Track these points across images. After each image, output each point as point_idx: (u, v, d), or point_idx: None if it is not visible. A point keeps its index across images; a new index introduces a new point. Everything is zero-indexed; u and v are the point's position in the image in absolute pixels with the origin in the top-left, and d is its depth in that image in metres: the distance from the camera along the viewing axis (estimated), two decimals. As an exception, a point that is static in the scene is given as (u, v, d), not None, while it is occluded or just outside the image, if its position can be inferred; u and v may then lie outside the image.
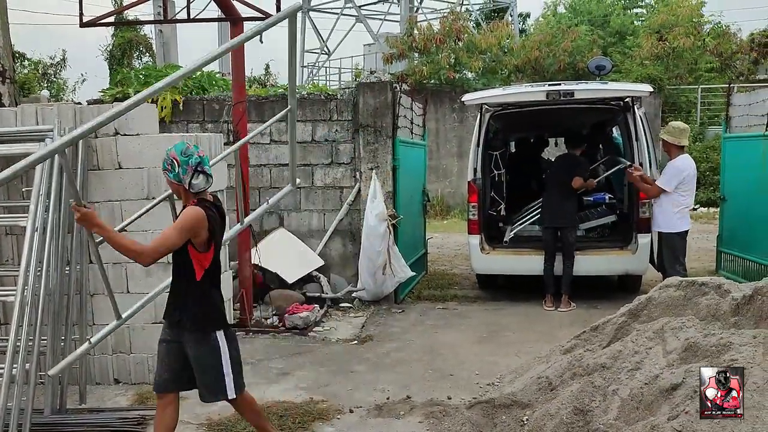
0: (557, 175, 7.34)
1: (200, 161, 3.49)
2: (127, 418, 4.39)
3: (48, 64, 25.91)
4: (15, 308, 4.22)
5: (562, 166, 7.44)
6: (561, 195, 7.18)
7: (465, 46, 16.99)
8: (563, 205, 7.17)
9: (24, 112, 5.06)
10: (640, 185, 6.72)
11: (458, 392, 4.84)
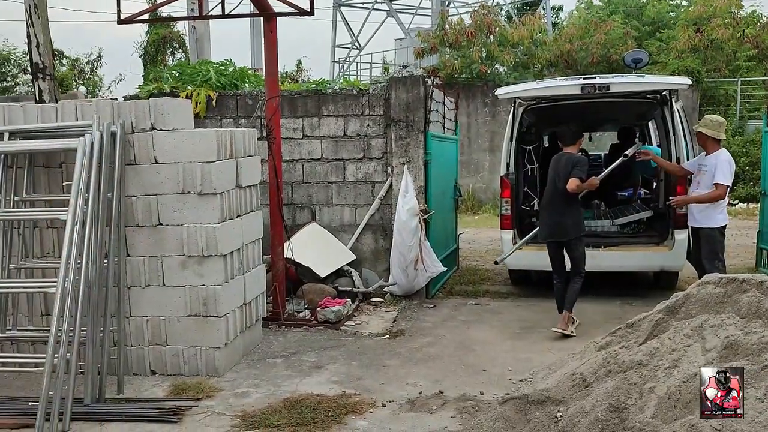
0: (553, 181, 6.16)
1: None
2: (164, 409, 4.46)
3: (85, 62, 26.41)
4: (56, 299, 4.33)
5: (557, 168, 6.14)
6: (560, 203, 6.10)
7: (497, 39, 16.85)
8: (564, 214, 6.10)
9: (64, 108, 5.16)
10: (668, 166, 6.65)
11: (491, 388, 4.82)
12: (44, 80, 7.07)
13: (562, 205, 6.09)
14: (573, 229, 6.11)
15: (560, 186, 6.00)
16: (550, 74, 16.48)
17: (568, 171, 5.98)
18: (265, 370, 5.33)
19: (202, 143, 5.07)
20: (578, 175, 5.95)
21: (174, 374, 5.21)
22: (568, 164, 6.02)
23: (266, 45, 6.47)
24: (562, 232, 6.12)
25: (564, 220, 6.09)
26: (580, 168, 6.00)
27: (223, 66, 8.55)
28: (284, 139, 7.38)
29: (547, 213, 6.24)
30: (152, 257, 5.17)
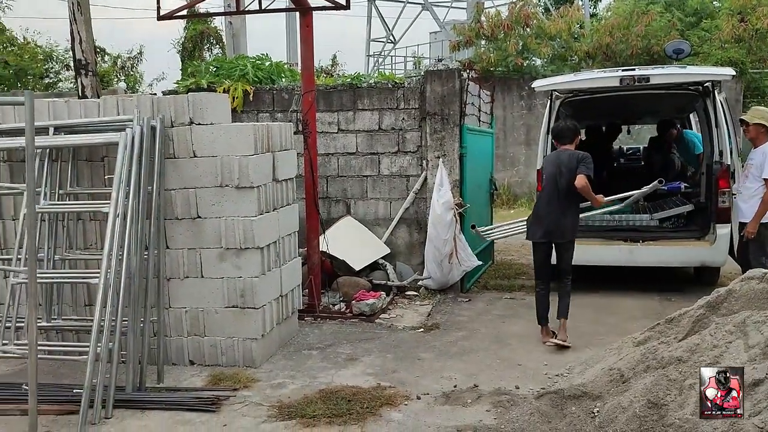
0: (553, 178, 5.60)
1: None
2: (202, 398, 4.55)
3: (125, 58, 26.91)
4: (99, 290, 4.44)
5: (558, 165, 5.60)
6: (561, 202, 5.57)
7: (534, 32, 16.64)
8: (565, 215, 5.60)
9: (106, 103, 5.27)
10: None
11: (526, 382, 4.80)
12: (87, 76, 7.23)
13: (563, 205, 5.57)
14: (571, 230, 5.69)
15: (562, 184, 5.50)
16: (588, 66, 16.21)
17: (572, 167, 5.46)
18: (301, 361, 5.39)
19: (239, 137, 5.13)
20: (586, 172, 5.44)
21: (212, 365, 5.30)
22: (572, 160, 5.51)
23: (302, 39, 6.51)
24: (560, 233, 5.62)
25: (564, 221, 5.60)
26: (586, 164, 5.48)
27: (259, 61, 8.63)
28: (319, 133, 7.42)
29: (546, 212, 5.61)
30: (191, 249, 5.26)
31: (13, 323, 4.98)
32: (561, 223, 5.59)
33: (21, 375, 5.22)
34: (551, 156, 5.83)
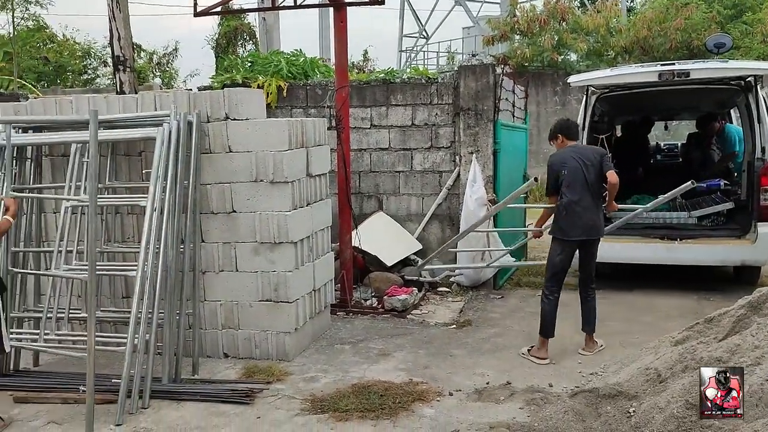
0: (581, 174, 5.23)
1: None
2: (237, 390, 4.60)
3: (161, 55, 27.30)
4: (136, 282, 4.52)
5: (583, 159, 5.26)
6: (593, 198, 5.28)
7: (570, 27, 16.42)
8: (597, 211, 5.33)
9: (144, 99, 5.36)
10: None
11: (560, 380, 4.75)
12: (125, 72, 7.35)
13: (595, 200, 5.31)
14: (602, 227, 5.46)
15: (591, 179, 5.23)
16: (625, 61, 15.94)
17: (596, 163, 5.24)
18: (333, 355, 5.42)
19: (274, 132, 5.17)
20: (613, 168, 5.29)
21: (246, 357, 5.35)
22: (596, 155, 5.31)
23: (336, 35, 6.52)
24: (596, 230, 5.34)
25: (599, 217, 5.37)
26: (610, 161, 5.33)
27: (293, 56, 8.68)
28: (352, 128, 7.44)
29: (582, 208, 5.22)
30: (226, 243, 5.32)
31: (54, 314, 5.09)
32: (597, 218, 5.36)
33: (62, 364, 5.36)
34: (566, 152, 5.35)
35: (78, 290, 5.39)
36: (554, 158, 5.39)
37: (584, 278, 5.48)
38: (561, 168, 5.26)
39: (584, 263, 5.42)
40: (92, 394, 4.16)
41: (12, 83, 17.06)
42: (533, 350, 5.28)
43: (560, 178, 5.25)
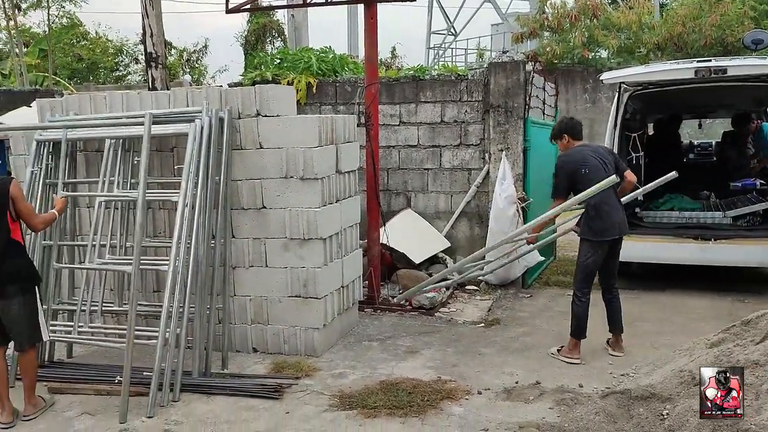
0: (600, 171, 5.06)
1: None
2: (266, 385, 4.63)
3: (191, 51, 27.62)
4: (168, 277, 4.57)
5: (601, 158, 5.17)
6: (615, 196, 5.19)
7: (601, 23, 16.20)
8: (622, 208, 5.25)
9: (176, 95, 5.41)
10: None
11: (590, 381, 4.69)
12: (157, 69, 7.45)
13: (618, 198, 5.26)
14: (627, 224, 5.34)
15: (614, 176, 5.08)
16: (657, 58, 15.69)
17: (612, 162, 5.19)
18: (361, 352, 5.42)
19: (304, 129, 5.18)
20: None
21: (274, 352, 5.39)
22: (609, 154, 5.29)
23: (366, 32, 6.51)
24: (625, 227, 5.27)
25: (624, 215, 5.28)
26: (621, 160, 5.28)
27: (323, 53, 8.69)
28: (381, 125, 7.43)
29: (610, 208, 5.09)
30: (256, 239, 5.36)
31: (87, 307, 5.17)
32: (624, 216, 5.28)
33: (94, 356, 5.45)
34: (581, 151, 5.21)
35: (111, 284, 5.47)
36: (567, 158, 5.21)
37: (609, 278, 5.35)
38: (580, 167, 5.09)
39: (610, 263, 5.27)
40: (128, 385, 4.24)
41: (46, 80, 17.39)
42: (564, 351, 5.22)
43: (577, 179, 5.09)
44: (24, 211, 4.28)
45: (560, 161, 5.24)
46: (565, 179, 5.15)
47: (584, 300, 5.21)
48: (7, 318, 4.22)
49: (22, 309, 4.22)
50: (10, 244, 4.22)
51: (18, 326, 4.24)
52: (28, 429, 4.21)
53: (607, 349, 5.33)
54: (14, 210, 4.21)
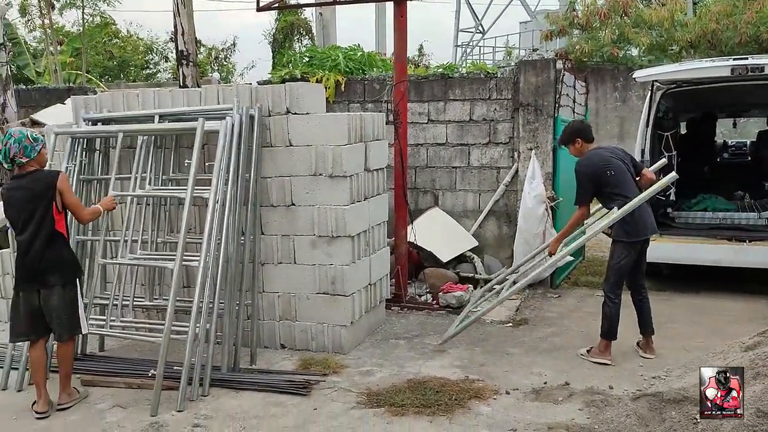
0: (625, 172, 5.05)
1: None
2: (294, 382, 4.65)
3: (220, 49, 27.88)
4: (198, 273, 4.61)
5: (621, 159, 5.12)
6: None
7: (632, 21, 15.95)
8: (648, 206, 5.14)
9: (207, 93, 5.46)
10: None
11: (620, 383, 4.63)
12: (188, 66, 7.52)
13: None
14: None
15: (633, 177, 5.12)
16: (690, 56, 15.41)
17: (630, 161, 5.18)
18: (389, 350, 5.42)
19: (334, 127, 5.20)
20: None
21: (302, 349, 5.41)
22: (626, 155, 5.20)
23: (395, 30, 6.50)
24: (654, 228, 5.21)
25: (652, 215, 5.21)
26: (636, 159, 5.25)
27: (351, 51, 8.71)
28: (409, 123, 7.41)
29: (641, 208, 4.96)
30: (284, 236, 5.39)
31: (120, 302, 5.25)
32: (653, 216, 5.19)
33: (124, 350, 5.54)
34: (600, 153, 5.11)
35: (141, 279, 5.54)
36: (588, 162, 5.07)
37: (638, 279, 5.25)
38: (604, 170, 4.99)
39: (639, 264, 5.18)
40: (161, 378, 4.31)
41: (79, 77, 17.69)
42: (594, 351, 5.15)
43: (602, 181, 4.99)
44: (72, 204, 4.40)
45: (581, 167, 5.11)
46: (589, 184, 5.05)
47: (616, 301, 5.14)
48: (47, 307, 4.33)
49: (62, 300, 4.33)
50: (55, 235, 4.33)
51: (58, 317, 4.34)
52: (62, 419, 4.29)
53: (638, 351, 5.25)
54: (62, 203, 4.32)
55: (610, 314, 5.12)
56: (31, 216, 4.24)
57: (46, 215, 4.27)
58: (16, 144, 4.23)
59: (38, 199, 4.25)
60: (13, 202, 4.29)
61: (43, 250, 4.27)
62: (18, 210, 4.28)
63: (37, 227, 4.25)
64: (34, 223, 4.24)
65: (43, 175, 4.36)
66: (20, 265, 4.33)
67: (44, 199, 4.25)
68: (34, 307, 4.33)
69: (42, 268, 4.27)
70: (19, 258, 4.34)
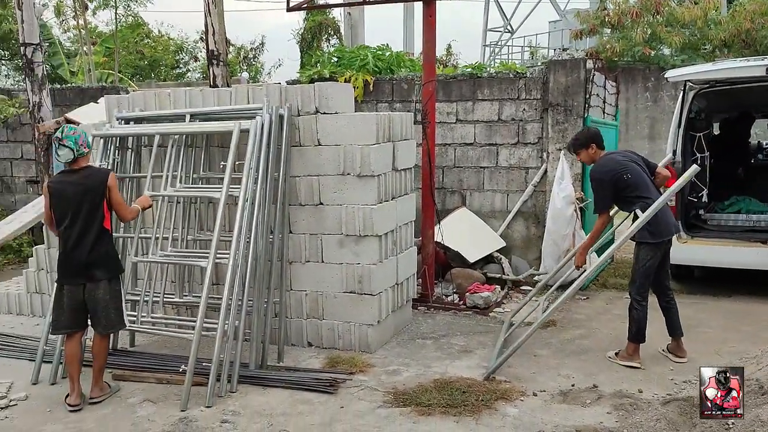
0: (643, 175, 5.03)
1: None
2: (321, 379, 4.68)
3: (248, 49, 28.08)
4: (228, 270, 4.67)
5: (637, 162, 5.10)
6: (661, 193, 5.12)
7: (664, 19, 15.70)
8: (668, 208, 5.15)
9: (237, 92, 5.51)
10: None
11: (650, 387, 4.57)
12: (218, 66, 7.60)
13: None
14: None
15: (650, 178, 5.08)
16: (724, 55, 15.12)
17: (643, 161, 5.12)
18: (415, 350, 5.42)
19: (362, 126, 5.21)
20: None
21: (329, 347, 5.44)
22: (639, 157, 5.16)
23: (425, 29, 6.50)
24: (676, 228, 5.26)
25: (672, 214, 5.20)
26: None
27: (380, 51, 8.72)
28: (437, 123, 7.40)
29: (663, 209, 4.93)
30: (312, 235, 5.42)
31: (150, 298, 5.33)
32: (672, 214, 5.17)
33: (155, 345, 5.62)
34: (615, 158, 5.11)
35: (171, 276, 5.62)
36: (604, 168, 5.02)
37: (663, 280, 5.18)
38: (622, 174, 4.95)
39: (663, 265, 5.12)
40: (192, 374, 4.37)
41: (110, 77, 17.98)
42: (622, 355, 5.09)
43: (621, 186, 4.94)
44: (118, 202, 4.50)
45: (598, 173, 5.05)
46: (609, 190, 5.00)
47: (643, 304, 5.07)
48: (92, 301, 4.42)
49: (107, 294, 4.45)
50: (103, 231, 4.45)
51: (104, 310, 4.44)
52: (95, 413, 4.37)
53: (668, 355, 5.17)
54: (109, 200, 4.43)
55: (637, 317, 5.05)
56: (82, 211, 4.34)
57: (98, 211, 4.38)
58: (82, 134, 4.37)
59: (91, 194, 4.36)
60: (67, 195, 4.37)
61: (93, 245, 4.37)
62: (70, 203, 4.36)
63: (88, 222, 4.35)
64: (86, 218, 4.35)
65: (95, 171, 4.51)
66: (66, 259, 4.41)
67: (97, 195, 4.37)
68: (78, 301, 4.42)
69: (90, 262, 4.37)
70: (65, 252, 4.41)
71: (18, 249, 9.31)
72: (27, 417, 4.33)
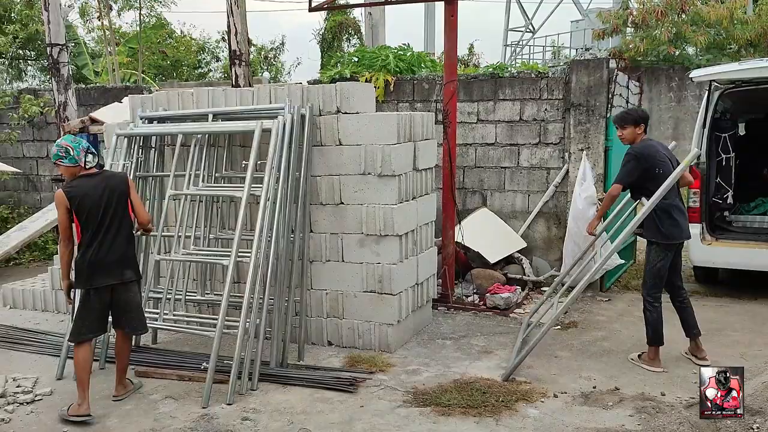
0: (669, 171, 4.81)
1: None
2: (341, 378, 4.70)
3: (269, 48, 28.23)
4: (249, 269, 4.70)
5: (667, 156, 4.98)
6: (680, 198, 5.07)
7: (689, 18, 15.51)
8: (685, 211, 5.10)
9: (260, 92, 5.55)
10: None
11: (673, 389, 4.52)
12: (240, 66, 7.66)
13: (682, 201, 5.10)
14: None
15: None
16: (749, 55, 14.91)
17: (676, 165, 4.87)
18: (435, 350, 5.42)
19: (383, 126, 5.22)
20: None
21: (349, 347, 5.46)
22: (674, 157, 5.02)
23: (446, 29, 6.49)
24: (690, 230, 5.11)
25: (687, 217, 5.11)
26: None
27: (401, 51, 8.72)
28: (458, 123, 7.38)
29: (679, 210, 4.92)
30: (333, 234, 5.44)
31: (172, 296, 5.39)
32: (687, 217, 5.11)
33: (176, 343, 5.68)
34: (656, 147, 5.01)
35: (193, 274, 5.67)
36: (645, 151, 4.92)
37: (675, 280, 5.12)
38: (655, 166, 4.87)
39: (674, 264, 5.06)
40: (213, 372, 4.41)
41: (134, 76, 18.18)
42: (645, 359, 5.04)
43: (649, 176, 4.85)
44: (137, 202, 4.54)
45: (637, 152, 4.95)
46: (637, 171, 4.92)
47: (657, 305, 5.02)
48: (125, 302, 4.43)
49: (137, 295, 4.51)
50: (132, 232, 4.53)
51: (135, 311, 4.50)
52: (117, 408, 4.42)
53: (691, 358, 5.11)
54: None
55: (652, 319, 5.01)
56: (112, 211, 4.33)
57: (126, 211, 4.43)
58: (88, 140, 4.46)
59: (117, 193, 4.38)
60: (92, 198, 4.25)
61: (126, 245, 4.42)
62: (98, 205, 4.26)
63: (120, 222, 4.38)
64: (118, 218, 4.36)
65: (112, 173, 4.58)
66: (96, 260, 4.26)
67: (123, 195, 4.40)
68: (105, 304, 4.39)
69: (123, 262, 4.38)
70: (93, 253, 4.25)
71: (43, 246, 9.47)
72: (52, 412, 4.40)
